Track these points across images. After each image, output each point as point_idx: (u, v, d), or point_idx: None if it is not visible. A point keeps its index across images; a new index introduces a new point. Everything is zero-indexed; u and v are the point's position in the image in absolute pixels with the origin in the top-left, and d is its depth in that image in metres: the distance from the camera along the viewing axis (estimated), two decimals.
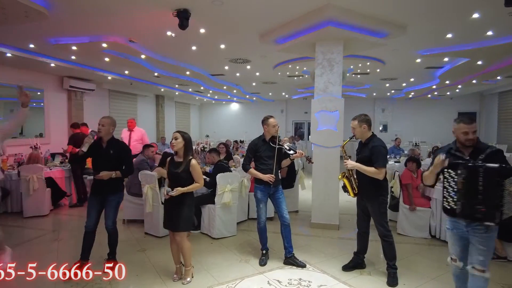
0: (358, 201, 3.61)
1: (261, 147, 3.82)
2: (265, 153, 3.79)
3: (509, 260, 3.89)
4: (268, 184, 3.72)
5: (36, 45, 6.62)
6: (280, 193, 3.87)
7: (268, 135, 3.84)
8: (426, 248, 4.43)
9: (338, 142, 5.09)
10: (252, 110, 18.79)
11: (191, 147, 3.35)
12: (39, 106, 9.29)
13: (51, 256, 4.04)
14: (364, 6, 4.69)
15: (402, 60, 8.05)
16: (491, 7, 4.56)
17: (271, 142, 3.80)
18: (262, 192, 3.81)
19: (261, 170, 3.77)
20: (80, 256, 3.53)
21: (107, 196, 3.51)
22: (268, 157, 3.78)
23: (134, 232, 4.97)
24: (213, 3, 4.49)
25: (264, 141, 3.85)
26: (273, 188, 3.79)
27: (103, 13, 4.92)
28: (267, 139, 3.84)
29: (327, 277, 3.50)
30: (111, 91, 11.97)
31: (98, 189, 3.52)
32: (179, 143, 3.24)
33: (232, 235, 4.77)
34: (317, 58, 5.26)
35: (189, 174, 3.23)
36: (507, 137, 12.49)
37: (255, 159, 3.87)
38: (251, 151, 3.88)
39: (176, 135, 3.28)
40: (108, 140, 3.54)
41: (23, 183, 5.68)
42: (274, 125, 3.81)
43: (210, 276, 3.50)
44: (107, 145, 3.52)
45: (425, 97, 15.46)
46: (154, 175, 4.63)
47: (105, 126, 3.49)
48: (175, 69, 9.13)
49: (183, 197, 3.25)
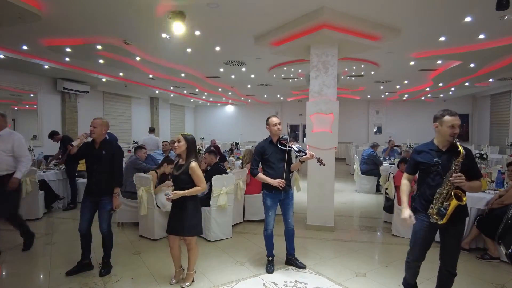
0: (429, 227, 2.64)
1: (268, 150, 3.58)
2: (272, 156, 3.56)
3: (501, 260, 3.94)
4: (278, 190, 3.49)
5: (29, 46, 6.56)
6: (290, 198, 3.66)
7: (273, 136, 3.62)
8: None
9: (333, 144, 5.12)
10: (247, 112, 18.82)
11: (194, 149, 3.26)
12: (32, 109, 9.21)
13: (44, 260, 4.00)
14: (358, 10, 4.73)
15: (396, 63, 8.13)
16: (483, 11, 4.64)
17: (279, 144, 3.58)
18: (272, 199, 3.58)
19: (269, 174, 3.53)
20: (81, 257, 3.60)
21: (101, 199, 3.50)
22: (277, 160, 3.55)
23: (129, 235, 4.93)
24: (209, 5, 4.49)
25: (271, 143, 3.62)
26: (284, 193, 3.57)
27: (98, 15, 4.89)
28: (274, 140, 3.62)
29: (323, 279, 3.50)
30: (106, 93, 11.90)
31: (92, 192, 3.51)
32: (181, 146, 3.20)
33: (228, 238, 4.76)
34: (312, 60, 5.29)
35: (189, 177, 3.17)
36: (499, 139, 12.65)
37: (263, 163, 3.63)
38: (258, 154, 3.61)
39: (179, 137, 3.24)
40: (101, 141, 3.53)
41: None
42: (275, 123, 3.57)
43: (206, 279, 3.49)
44: (99, 146, 3.51)
45: (419, 99, 15.62)
46: (149, 177, 4.62)
47: (97, 127, 3.48)
48: (170, 71, 9.11)
49: (185, 201, 3.17)
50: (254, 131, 18.01)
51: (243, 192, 5.34)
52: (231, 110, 19.34)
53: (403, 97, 15.22)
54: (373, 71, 9.04)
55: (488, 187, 4.59)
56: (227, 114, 19.43)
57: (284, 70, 8.95)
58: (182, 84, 11.38)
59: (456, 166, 2.46)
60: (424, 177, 2.67)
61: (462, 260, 3.94)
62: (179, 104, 17.53)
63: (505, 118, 12.24)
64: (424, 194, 2.65)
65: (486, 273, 3.68)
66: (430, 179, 2.61)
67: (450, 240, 2.63)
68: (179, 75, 9.72)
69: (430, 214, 2.55)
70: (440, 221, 2.48)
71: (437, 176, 2.56)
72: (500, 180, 4.71)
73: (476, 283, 3.45)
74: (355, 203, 7.33)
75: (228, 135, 18.00)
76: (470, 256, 4.11)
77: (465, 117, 15.42)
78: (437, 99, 15.43)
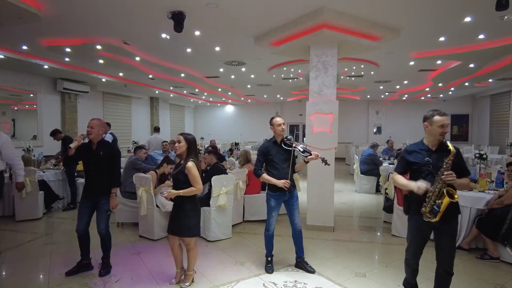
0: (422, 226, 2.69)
1: (272, 150, 3.57)
2: (276, 157, 3.55)
3: (501, 260, 3.94)
4: (283, 191, 3.49)
5: (29, 46, 6.56)
6: (295, 199, 3.65)
7: (277, 136, 3.59)
8: None
9: (332, 144, 5.12)
10: (247, 112, 18.82)
11: (194, 149, 3.25)
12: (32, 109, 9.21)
13: (44, 260, 3.99)
14: (358, 10, 4.73)
15: (396, 63, 8.14)
16: (482, 11, 4.64)
17: (283, 144, 3.56)
18: (276, 200, 3.58)
19: (273, 175, 3.52)
20: (80, 257, 3.61)
21: (99, 199, 3.49)
22: (281, 160, 3.54)
23: (129, 235, 4.93)
24: (208, 5, 4.49)
25: (275, 143, 3.59)
26: (288, 194, 3.57)
27: (97, 15, 4.89)
28: (278, 140, 3.60)
29: (322, 279, 3.50)
30: (105, 93, 11.91)
31: (90, 192, 3.51)
32: (182, 146, 3.18)
33: (228, 238, 4.76)
34: (312, 60, 5.29)
35: (185, 176, 3.15)
36: (499, 139, 12.66)
37: (266, 163, 3.62)
38: (262, 154, 3.60)
39: (179, 138, 3.22)
40: (98, 142, 3.52)
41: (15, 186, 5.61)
42: (279, 124, 3.56)
43: (206, 279, 3.49)
44: (97, 146, 3.51)
45: (419, 99, 15.63)
46: (149, 177, 4.62)
47: (94, 128, 3.47)
48: (169, 71, 9.11)
49: (183, 202, 3.17)
50: (254, 131, 18.02)
51: (242, 192, 5.34)
52: (231, 110, 19.34)
53: (403, 97, 15.23)
54: (373, 71, 9.04)
55: (487, 187, 4.59)
56: (227, 114, 19.43)
57: (284, 70, 8.95)
58: (182, 84, 11.38)
59: (447, 164, 2.50)
60: (416, 177, 2.69)
61: (462, 260, 3.95)
62: (179, 104, 17.54)
63: (504, 118, 12.25)
64: (416, 194, 2.66)
65: (485, 273, 3.68)
66: (422, 179, 2.64)
67: (445, 239, 2.66)
68: (179, 75, 9.72)
69: (423, 213, 2.57)
70: (433, 219, 2.51)
71: (429, 175, 2.61)
72: (500, 180, 4.71)
73: (476, 283, 3.45)
74: (355, 203, 7.33)
75: (228, 135, 17.99)
76: (469, 256, 4.11)
77: (464, 117, 15.44)
78: (437, 99, 15.43)
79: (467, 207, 4.24)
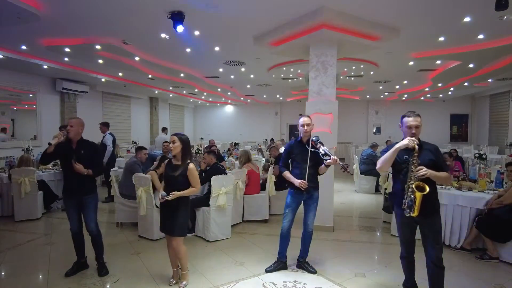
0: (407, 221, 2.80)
1: (295, 149, 3.55)
2: (298, 156, 3.53)
3: (501, 260, 3.94)
4: (300, 190, 3.47)
5: (28, 46, 6.55)
6: (313, 200, 3.59)
7: (303, 136, 3.54)
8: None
9: (332, 144, 5.11)
10: (247, 112, 18.82)
11: (189, 150, 3.25)
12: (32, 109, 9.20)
13: (43, 260, 3.99)
14: (357, 10, 4.73)
15: (396, 63, 8.13)
16: (482, 11, 4.64)
17: (307, 144, 3.47)
18: (293, 197, 3.57)
19: (295, 174, 3.52)
20: (76, 257, 3.62)
21: (82, 198, 3.48)
22: (302, 160, 3.49)
23: (128, 235, 4.93)
24: (208, 5, 4.49)
25: (300, 143, 3.56)
26: (307, 194, 3.54)
27: (97, 15, 4.89)
28: (304, 140, 3.54)
29: (322, 279, 3.50)
30: (105, 93, 11.90)
31: (72, 192, 3.49)
32: (176, 147, 3.16)
33: (227, 238, 4.76)
34: (311, 60, 5.29)
35: (185, 178, 3.16)
36: (498, 139, 12.66)
37: (291, 161, 3.64)
38: (286, 152, 3.65)
39: (173, 138, 3.19)
40: (77, 140, 3.49)
41: (14, 186, 5.61)
42: (303, 124, 3.48)
43: (205, 279, 3.48)
44: (77, 145, 3.48)
45: (418, 99, 15.63)
46: (148, 177, 4.61)
47: (74, 126, 3.44)
48: (169, 71, 9.11)
49: (179, 202, 3.17)
50: (253, 131, 18.01)
51: (242, 192, 5.34)
52: (231, 110, 19.34)
53: (402, 97, 15.23)
54: (372, 71, 9.04)
55: (487, 187, 4.59)
56: (226, 114, 19.42)
57: (283, 70, 8.95)
58: (182, 84, 11.37)
59: (414, 160, 2.63)
60: (397, 174, 2.85)
61: (462, 260, 3.96)
62: (179, 104, 17.53)
63: (504, 118, 12.26)
64: (398, 190, 2.82)
65: (485, 273, 3.68)
66: (401, 176, 2.78)
67: (427, 233, 2.76)
68: (179, 75, 9.71)
69: (404, 209, 2.69)
70: (412, 213, 2.62)
71: (408, 173, 2.71)
72: (499, 180, 4.72)
73: (475, 283, 3.45)
74: (354, 203, 7.33)
75: (228, 135, 17.99)
76: (469, 256, 4.11)
77: (464, 117, 15.45)
78: (436, 99, 15.44)
79: (467, 207, 4.24)
